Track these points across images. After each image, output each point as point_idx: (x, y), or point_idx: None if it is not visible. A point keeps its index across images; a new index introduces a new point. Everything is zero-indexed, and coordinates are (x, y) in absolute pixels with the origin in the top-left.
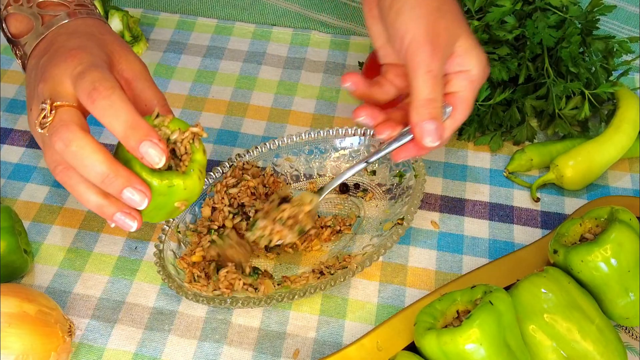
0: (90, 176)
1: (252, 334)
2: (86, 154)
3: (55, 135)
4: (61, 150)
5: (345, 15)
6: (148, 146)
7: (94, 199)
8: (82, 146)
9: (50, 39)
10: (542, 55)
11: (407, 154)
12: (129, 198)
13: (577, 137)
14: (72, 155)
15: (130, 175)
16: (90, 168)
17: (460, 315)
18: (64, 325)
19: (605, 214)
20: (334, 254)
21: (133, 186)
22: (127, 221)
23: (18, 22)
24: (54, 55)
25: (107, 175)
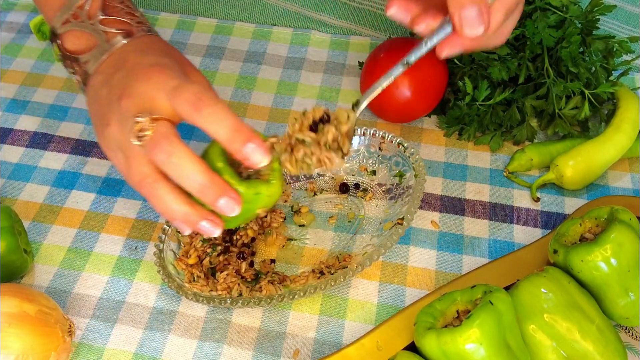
0: (189, 185)
1: (252, 333)
2: (187, 165)
3: (157, 148)
4: (162, 162)
5: (345, 15)
6: (251, 148)
7: (181, 209)
8: (183, 157)
9: (119, 56)
10: (542, 55)
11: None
12: (223, 205)
13: (577, 137)
14: (173, 166)
15: (225, 185)
16: (190, 178)
17: (460, 315)
18: (64, 325)
19: (605, 214)
20: (334, 254)
21: (228, 195)
22: (211, 228)
23: (76, 38)
24: (132, 72)
25: (206, 185)
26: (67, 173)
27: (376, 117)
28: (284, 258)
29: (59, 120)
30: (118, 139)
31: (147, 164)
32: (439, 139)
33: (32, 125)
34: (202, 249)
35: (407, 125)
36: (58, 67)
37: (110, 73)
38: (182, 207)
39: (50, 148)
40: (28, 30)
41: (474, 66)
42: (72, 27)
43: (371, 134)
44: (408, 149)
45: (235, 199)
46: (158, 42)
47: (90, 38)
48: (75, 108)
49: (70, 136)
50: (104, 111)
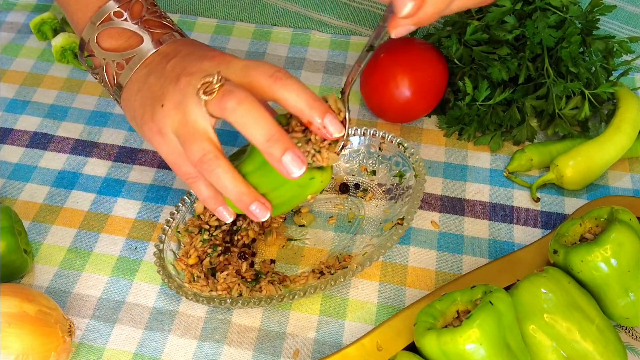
0: (256, 133)
1: (252, 334)
2: (258, 112)
3: (228, 95)
4: (232, 108)
5: (345, 15)
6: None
7: (237, 188)
8: (254, 106)
9: (168, 51)
10: (542, 55)
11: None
12: (288, 162)
13: (577, 137)
14: (243, 112)
15: (292, 142)
16: (260, 125)
17: (460, 315)
18: (63, 325)
19: (605, 214)
20: (334, 254)
21: (294, 152)
22: (261, 211)
23: (114, 38)
24: (190, 56)
25: (274, 135)
26: (67, 173)
27: (376, 117)
28: (284, 258)
29: (59, 120)
30: (174, 117)
31: (207, 140)
32: (439, 139)
33: (32, 125)
34: (202, 249)
35: (407, 125)
36: (58, 67)
37: (158, 64)
38: (238, 185)
39: (50, 148)
40: (28, 30)
41: (474, 66)
42: (112, 26)
43: (371, 134)
44: (408, 149)
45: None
46: (199, 42)
47: (133, 37)
48: (75, 108)
49: (70, 136)
50: (155, 95)
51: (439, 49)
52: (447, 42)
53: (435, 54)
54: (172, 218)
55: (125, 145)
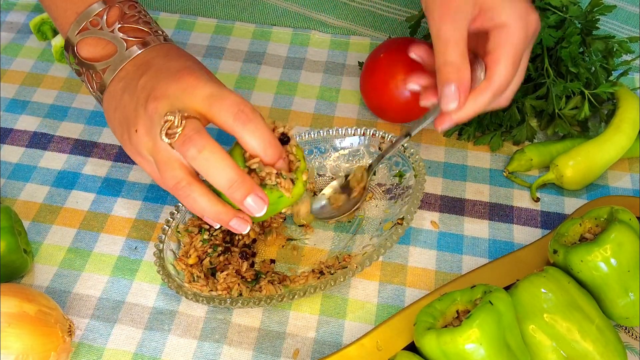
0: (218, 180)
1: (252, 333)
2: (218, 160)
3: (189, 143)
4: (192, 157)
5: (345, 15)
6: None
7: (213, 209)
8: (214, 152)
9: (142, 62)
10: (542, 55)
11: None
12: (250, 205)
13: (577, 137)
14: (204, 161)
15: (253, 184)
16: (220, 173)
17: (460, 315)
18: (63, 325)
19: (605, 214)
20: (334, 253)
21: (256, 194)
22: (241, 225)
23: (93, 46)
24: (159, 75)
25: (235, 181)
26: (67, 173)
27: (376, 117)
28: (284, 258)
29: (59, 120)
30: (147, 143)
31: (179, 168)
32: (438, 139)
33: (32, 125)
34: (202, 249)
35: (407, 125)
36: (58, 67)
37: (131, 78)
38: (214, 207)
39: (50, 148)
40: (28, 30)
41: None
42: (89, 35)
43: (371, 134)
44: (408, 149)
45: (263, 198)
46: (177, 49)
47: (108, 45)
48: (75, 108)
49: (70, 136)
50: (130, 117)
51: None
52: None
53: None
54: (172, 218)
55: None
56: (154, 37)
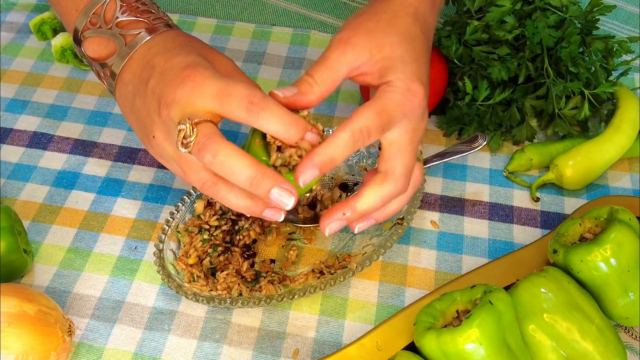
0: (239, 181)
1: (252, 333)
2: (233, 161)
3: (203, 150)
4: (210, 162)
5: (345, 15)
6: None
7: (244, 204)
8: (229, 154)
9: (145, 62)
10: (542, 55)
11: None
12: (276, 198)
13: (576, 137)
14: (220, 165)
15: (277, 176)
16: (238, 173)
17: (460, 315)
18: (63, 325)
19: (605, 213)
20: (334, 254)
21: (280, 186)
22: (276, 214)
23: (96, 45)
24: (164, 79)
25: (255, 177)
26: (67, 173)
27: None
28: (284, 258)
29: (59, 120)
30: (167, 149)
31: (203, 169)
32: (438, 139)
33: (32, 125)
34: (202, 249)
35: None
36: (58, 67)
37: (140, 82)
38: (244, 201)
39: (50, 148)
40: (28, 30)
41: (473, 66)
42: (91, 34)
43: None
44: None
45: (289, 189)
46: (177, 37)
47: (110, 43)
48: (75, 108)
49: (70, 136)
50: (146, 123)
51: (439, 49)
52: (447, 42)
53: (435, 54)
54: (172, 218)
55: (125, 145)
56: (153, 27)
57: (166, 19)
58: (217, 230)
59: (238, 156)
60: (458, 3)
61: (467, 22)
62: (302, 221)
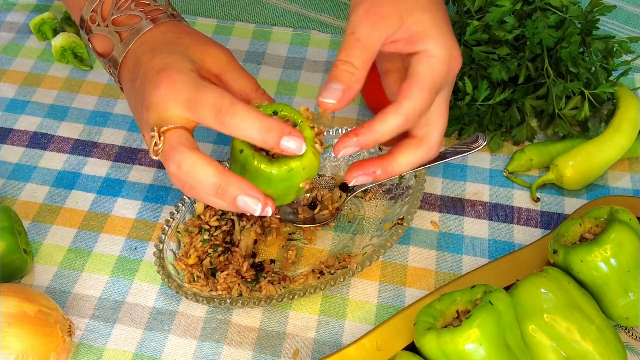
0: (204, 190)
1: (252, 334)
2: (197, 171)
3: (168, 160)
4: (175, 172)
5: (345, 15)
6: (286, 141)
7: (224, 205)
8: (192, 164)
9: (135, 58)
10: (542, 55)
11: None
12: (244, 204)
13: (577, 137)
14: (185, 175)
15: (241, 183)
16: (203, 183)
17: (460, 315)
18: (63, 325)
19: (605, 214)
20: (334, 254)
21: (245, 193)
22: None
23: (100, 41)
24: (145, 80)
25: (219, 186)
26: (67, 173)
27: None
28: (284, 258)
29: (59, 120)
30: None
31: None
32: None
33: (32, 125)
34: (202, 249)
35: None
36: (58, 67)
37: (131, 80)
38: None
39: (50, 148)
40: (28, 30)
41: (473, 66)
42: (94, 32)
43: None
44: None
45: (255, 195)
46: (167, 33)
47: (109, 40)
48: (75, 108)
49: (70, 136)
50: (138, 119)
51: None
52: None
53: None
54: (172, 218)
55: (125, 145)
56: (146, 22)
57: (163, 10)
58: (217, 230)
59: (202, 165)
60: (458, 3)
61: (467, 22)
62: (302, 221)
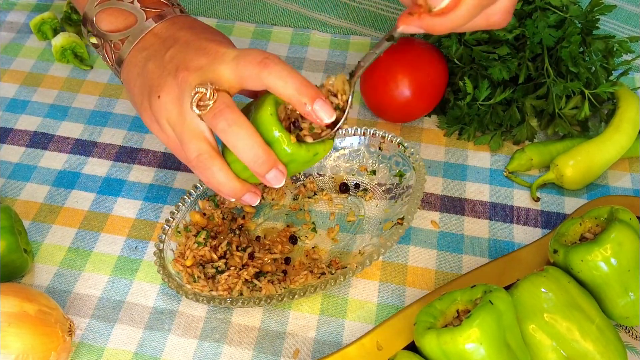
0: (244, 154)
1: (252, 333)
2: (245, 135)
3: (220, 116)
4: (222, 129)
5: (345, 15)
6: (319, 105)
7: (231, 184)
8: (243, 127)
9: (170, 34)
10: (542, 55)
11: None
12: (271, 178)
13: (577, 136)
14: (232, 135)
15: (276, 160)
16: (247, 148)
17: (460, 314)
18: (64, 324)
19: (605, 213)
20: (334, 253)
21: (277, 169)
22: (253, 199)
23: (114, 17)
24: (188, 47)
25: (260, 157)
26: (67, 173)
27: (376, 117)
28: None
29: (59, 120)
30: (171, 112)
31: (204, 140)
32: (438, 138)
33: (32, 124)
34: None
35: (407, 125)
36: (58, 67)
37: (157, 50)
38: (231, 182)
39: (50, 148)
40: (28, 30)
41: (474, 66)
42: (109, 6)
43: (371, 134)
44: (408, 149)
45: (283, 172)
46: (200, 23)
47: (129, 16)
48: (75, 108)
49: (70, 136)
50: (153, 84)
51: (439, 49)
52: (447, 42)
53: (435, 53)
54: (172, 218)
55: (125, 145)
56: (171, 9)
57: (181, 7)
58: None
59: (251, 132)
60: None
61: None
62: None
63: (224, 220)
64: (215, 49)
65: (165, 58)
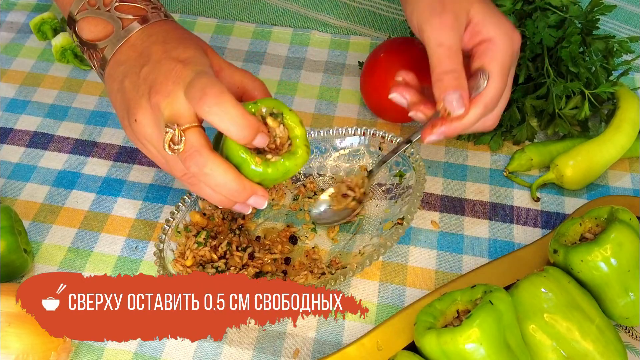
0: (221, 192)
1: (252, 333)
2: (218, 175)
3: (190, 161)
4: (196, 173)
5: (345, 15)
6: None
7: (219, 198)
8: (214, 168)
9: (143, 47)
10: (542, 55)
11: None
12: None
13: (577, 136)
14: (205, 177)
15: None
16: (221, 186)
17: (460, 314)
18: None
19: (605, 213)
20: (334, 254)
21: (257, 195)
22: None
23: (93, 26)
24: (159, 68)
25: (237, 190)
26: (67, 173)
27: (376, 117)
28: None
29: (59, 120)
30: (150, 135)
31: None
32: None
33: (32, 125)
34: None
35: (407, 125)
36: (58, 67)
37: (132, 66)
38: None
39: (50, 148)
40: (28, 30)
41: None
42: (88, 15)
43: (371, 134)
44: (408, 149)
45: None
46: (175, 30)
47: (107, 25)
48: (75, 108)
49: (70, 136)
50: (130, 105)
51: None
52: None
53: None
54: (172, 218)
55: (125, 145)
56: (152, 15)
57: (164, 10)
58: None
59: (222, 170)
60: None
61: None
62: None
63: (224, 220)
64: (178, 74)
65: (140, 76)
